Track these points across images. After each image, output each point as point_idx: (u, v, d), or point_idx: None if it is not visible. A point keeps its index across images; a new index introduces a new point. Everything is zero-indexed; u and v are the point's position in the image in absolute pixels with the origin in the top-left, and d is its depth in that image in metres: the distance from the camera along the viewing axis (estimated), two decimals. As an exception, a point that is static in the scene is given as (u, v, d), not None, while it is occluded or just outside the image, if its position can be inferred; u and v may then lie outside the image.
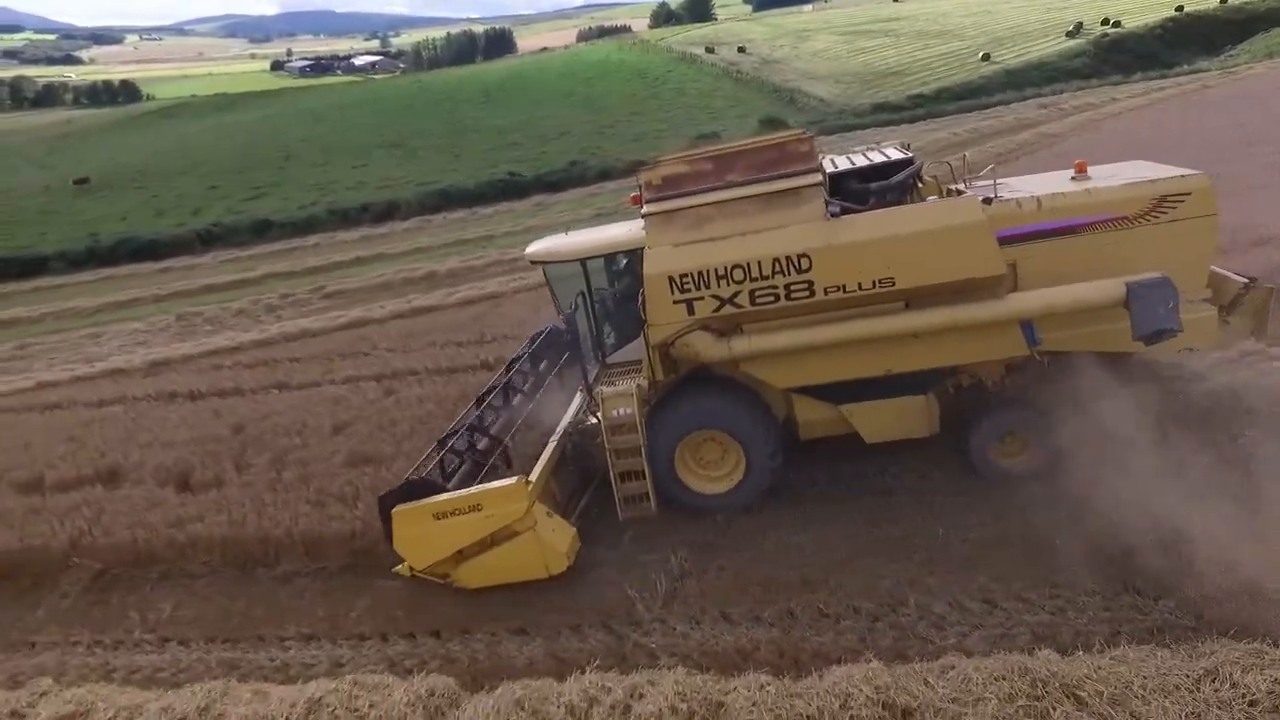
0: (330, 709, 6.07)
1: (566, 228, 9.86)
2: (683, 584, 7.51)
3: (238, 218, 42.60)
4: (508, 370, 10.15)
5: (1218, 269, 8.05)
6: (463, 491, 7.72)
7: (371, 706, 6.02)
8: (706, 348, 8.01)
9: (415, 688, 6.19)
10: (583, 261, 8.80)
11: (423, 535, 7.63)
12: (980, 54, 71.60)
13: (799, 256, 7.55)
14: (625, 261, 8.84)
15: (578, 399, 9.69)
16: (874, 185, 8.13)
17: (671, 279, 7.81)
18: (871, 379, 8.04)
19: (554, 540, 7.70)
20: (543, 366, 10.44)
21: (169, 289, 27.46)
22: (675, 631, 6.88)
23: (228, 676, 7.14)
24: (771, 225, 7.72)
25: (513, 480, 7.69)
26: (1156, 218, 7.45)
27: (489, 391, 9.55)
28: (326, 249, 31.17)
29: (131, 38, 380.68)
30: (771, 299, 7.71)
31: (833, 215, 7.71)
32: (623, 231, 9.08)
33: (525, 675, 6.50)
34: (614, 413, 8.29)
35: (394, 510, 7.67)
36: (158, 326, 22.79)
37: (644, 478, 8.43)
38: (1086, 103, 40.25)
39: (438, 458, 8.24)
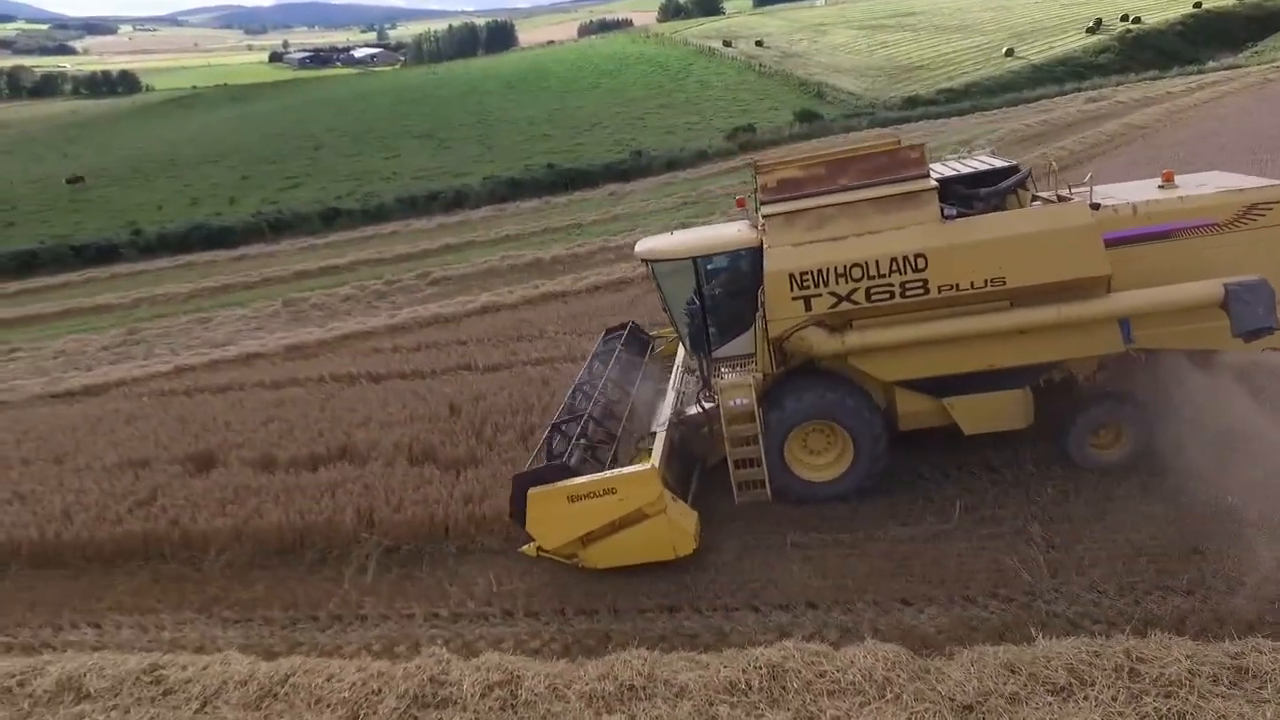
0: (795, 673, 6.04)
1: (671, 228, 9.96)
2: (1057, 555, 7.52)
3: (276, 206, 42.38)
4: (590, 365, 10.72)
5: None
6: (596, 476, 7.94)
7: (840, 670, 6.00)
8: (820, 342, 8.35)
9: (871, 651, 6.18)
10: (695, 260, 8.98)
11: (556, 516, 7.88)
12: (1004, 49, 71.74)
13: (916, 256, 7.94)
14: (733, 260, 9.02)
15: (671, 394, 10.02)
16: (983, 191, 8.56)
17: (792, 276, 8.19)
18: (972, 373, 8.36)
19: (683, 522, 7.96)
20: (625, 359, 10.89)
21: (260, 275, 27.22)
22: (1082, 599, 6.90)
23: (612, 646, 7.14)
24: (889, 226, 8.09)
25: (645, 466, 7.98)
26: (1246, 224, 7.84)
27: (581, 384, 10.11)
28: (408, 237, 30.96)
29: (125, 28, 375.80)
30: (887, 296, 8.08)
31: (948, 218, 8.11)
32: (732, 231, 9.32)
33: (953, 643, 6.53)
34: (732, 403, 8.56)
35: (530, 492, 7.87)
36: (265, 312, 22.63)
37: (759, 465, 8.71)
38: (1145, 96, 40.46)
39: (567, 443, 8.56)
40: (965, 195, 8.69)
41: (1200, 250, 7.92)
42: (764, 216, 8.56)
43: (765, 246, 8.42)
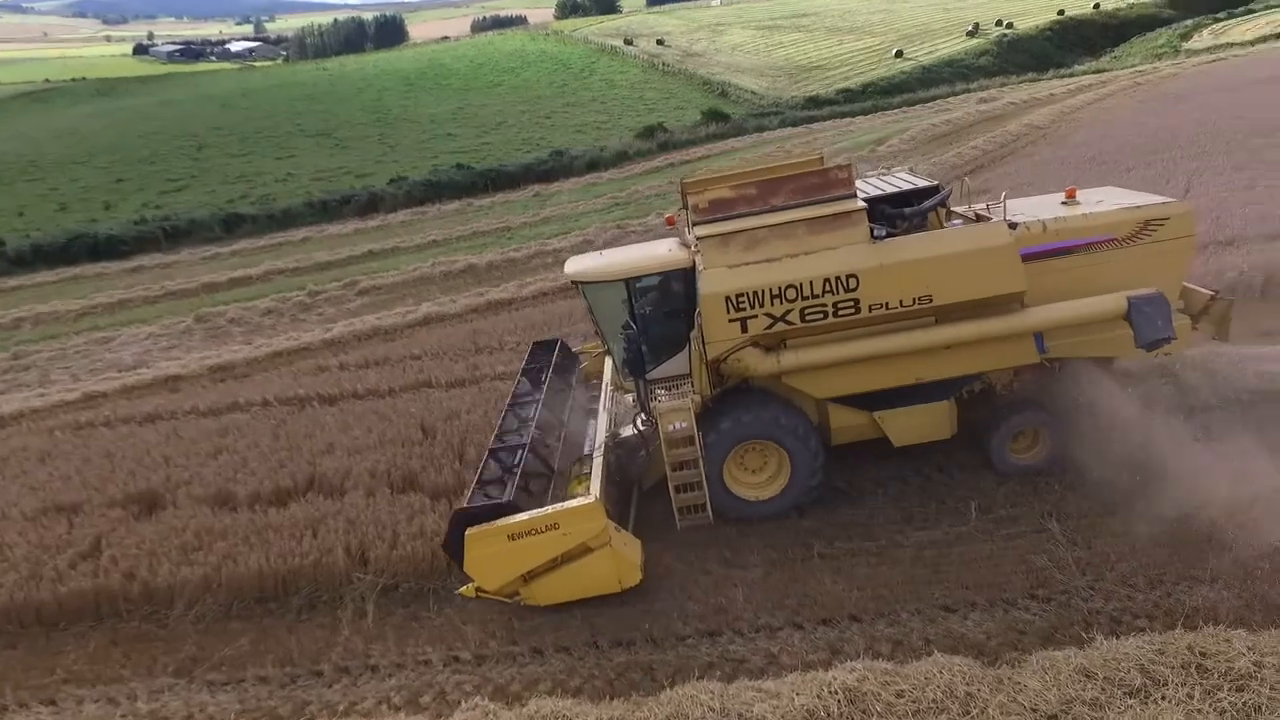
0: (873, 695, 5.91)
1: (600, 248, 9.86)
2: (1080, 551, 7.71)
3: (162, 211, 39.36)
4: (517, 387, 10.54)
5: (1187, 283, 9.11)
6: (537, 512, 7.72)
7: (917, 689, 5.91)
8: (757, 363, 8.46)
9: (943, 666, 6.13)
10: (627, 281, 8.92)
11: (496, 556, 7.62)
12: (893, 50, 74.94)
13: (848, 276, 8.11)
14: (665, 281, 8.98)
15: (603, 415, 9.92)
16: (907, 211, 8.82)
17: (728, 298, 8.24)
18: (901, 387, 8.71)
19: (628, 554, 7.90)
20: (552, 379, 10.67)
21: (161, 288, 25.07)
22: (1118, 594, 7.11)
23: (659, 678, 6.85)
24: (822, 247, 8.23)
25: (588, 499, 7.78)
26: (1142, 239, 8.42)
27: (510, 407, 9.92)
28: (323, 243, 29.26)
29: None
30: (820, 316, 8.24)
31: (877, 238, 8.34)
32: (663, 250, 9.28)
33: (1006, 648, 6.60)
34: (671, 427, 8.54)
35: (468, 532, 7.59)
36: (176, 329, 20.87)
37: (700, 489, 8.74)
38: (1031, 97, 42.97)
39: (500, 475, 8.40)
40: (890, 215, 8.85)
41: (1102, 264, 8.43)
42: (697, 238, 8.52)
43: (700, 269, 8.37)
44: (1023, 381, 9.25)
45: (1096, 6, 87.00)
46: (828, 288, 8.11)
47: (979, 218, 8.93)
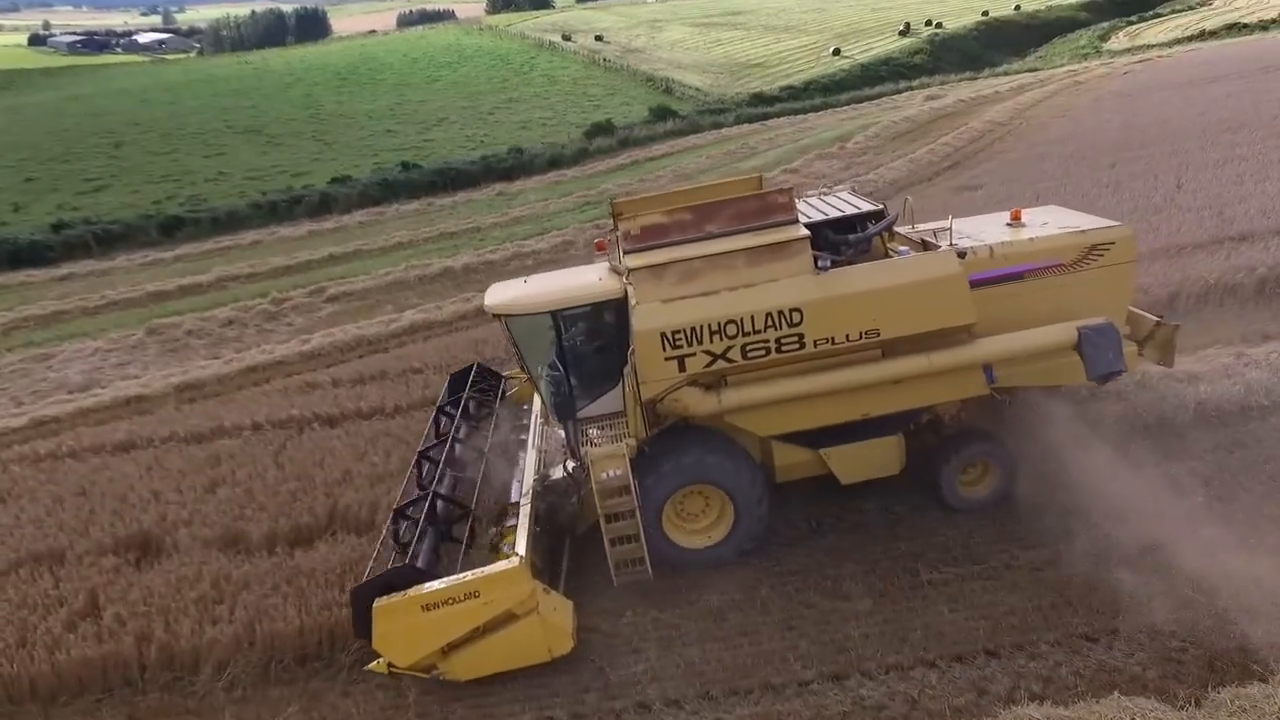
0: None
1: (525, 277, 9.12)
2: (1211, 566, 7.30)
3: (81, 213, 36.56)
4: (436, 422, 9.81)
5: (1132, 309, 8.84)
6: (456, 579, 7.04)
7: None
8: (697, 403, 7.89)
9: (1129, 710, 5.63)
10: (555, 313, 8.29)
11: (410, 629, 6.91)
12: (830, 49, 75.93)
13: (791, 310, 7.62)
14: (595, 312, 8.38)
15: (531, 453, 9.19)
16: (852, 238, 8.40)
17: (664, 335, 7.65)
18: (847, 423, 8.27)
19: (558, 620, 7.27)
20: (466, 414, 10.09)
21: (101, 298, 22.91)
22: (1265, 614, 6.73)
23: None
24: (761, 279, 7.70)
25: (512, 563, 7.11)
26: (1088, 264, 8.19)
27: (427, 450, 9.12)
28: (277, 247, 27.37)
29: None
30: (763, 352, 7.73)
31: (821, 269, 7.82)
32: (593, 279, 8.63)
33: (1170, 681, 6.16)
34: (604, 475, 7.84)
35: (376, 605, 6.85)
36: (127, 343, 19.03)
37: (637, 540, 8.06)
38: (978, 94, 43.82)
39: (414, 532, 7.70)
40: (834, 241, 8.35)
41: (1048, 289, 8.12)
42: (630, 268, 7.89)
43: (633, 303, 7.75)
44: (970, 412, 8.85)
45: (1018, 8, 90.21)
46: (770, 323, 7.57)
47: (925, 244, 8.45)
